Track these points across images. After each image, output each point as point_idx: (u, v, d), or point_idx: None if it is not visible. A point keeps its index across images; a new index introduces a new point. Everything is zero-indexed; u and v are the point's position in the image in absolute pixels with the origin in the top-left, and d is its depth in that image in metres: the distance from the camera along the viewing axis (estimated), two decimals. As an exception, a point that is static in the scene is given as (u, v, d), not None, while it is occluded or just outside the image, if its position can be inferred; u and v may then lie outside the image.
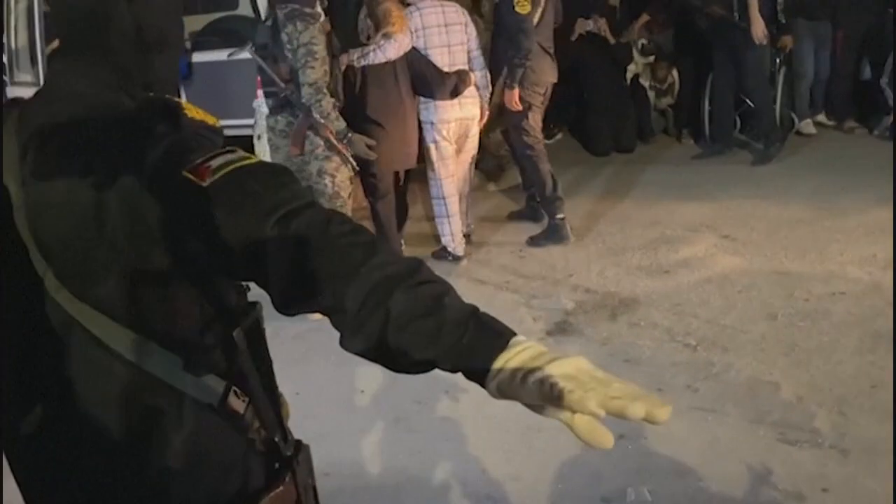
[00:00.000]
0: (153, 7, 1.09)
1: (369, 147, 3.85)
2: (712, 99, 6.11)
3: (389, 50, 4.02)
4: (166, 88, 1.13)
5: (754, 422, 2.79)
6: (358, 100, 4.03)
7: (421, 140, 4.33)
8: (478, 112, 4.41)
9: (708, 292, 3.86)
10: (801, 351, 3.23)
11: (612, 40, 6.35)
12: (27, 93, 3.80)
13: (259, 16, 5.56)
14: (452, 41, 4.24)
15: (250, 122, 5.89)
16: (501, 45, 4.58)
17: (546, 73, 4.58)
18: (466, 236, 4.67)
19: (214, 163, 0.94)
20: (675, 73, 6.56)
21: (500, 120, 5.07)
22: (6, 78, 4.65)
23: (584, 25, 6.23)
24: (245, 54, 4.17)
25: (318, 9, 3.65)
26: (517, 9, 4.32)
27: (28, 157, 1.01)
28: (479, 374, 0.82)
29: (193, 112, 1.03)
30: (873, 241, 4.16)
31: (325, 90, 3.62)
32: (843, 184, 5.06)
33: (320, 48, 3.58)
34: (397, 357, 0.86)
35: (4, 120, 1.05)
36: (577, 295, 4.02)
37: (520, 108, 4.50)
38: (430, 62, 4.18)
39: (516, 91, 4.44)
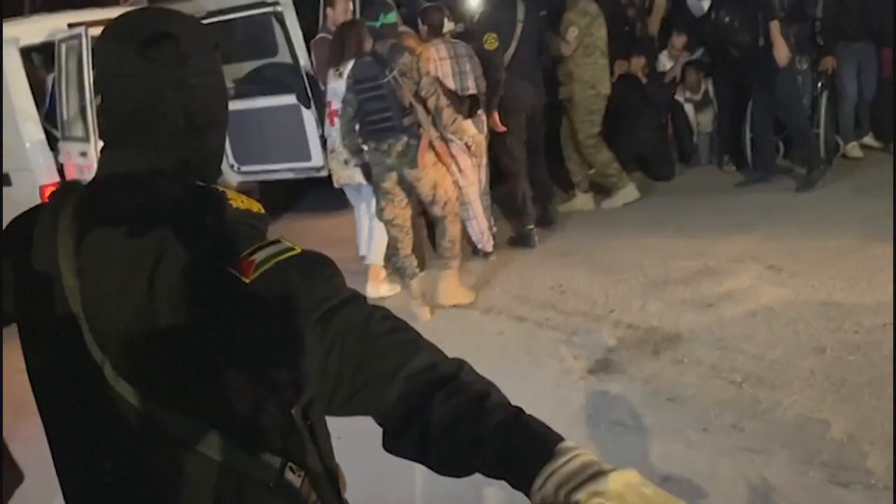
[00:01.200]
0: (201, 93, 1.11)
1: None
2: (752, 125, 6.03)
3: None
4: (216, 163, 1.18)
5: (804, 462, 2.72)
6: None
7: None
8: (485, 128, 5.01)
9: (753, 326, 3.78)
10: (851, 386, 3.14)
11: (643, 80, 6.40)
12: (79, 148, 3.99)
13: (297, 62, 5.73)
14: (462, 69, 4.82)
15: (293, 165, 6.03)
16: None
17: (522, 100, 5.26)
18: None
19: (259, 256, 0.96)
20: (709, 84, 6.48)
21: None
22: (58, 133, 4.86)
23: (620, 66, 6.38)
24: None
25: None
26: (486, 46, 5.07)
27: (83, 248, 1.04)
28: (523, 485, 0.81)
29: (238, 201, 1.05)
30: (926, 269, 4.02)
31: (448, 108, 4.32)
32: (892, 209, 4.92)
33: (433, 74, 4.35)
34: (440, 464, 0.88)
35: (61, 210, 1.07)
36: (618, 331, 3.98)
37: (502, 128, 5.18)
38: (447, 88, 4.66)
39: (495, 115, 5.11)
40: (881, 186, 5.33)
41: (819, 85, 5.95)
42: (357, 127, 4.33)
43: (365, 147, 4.38)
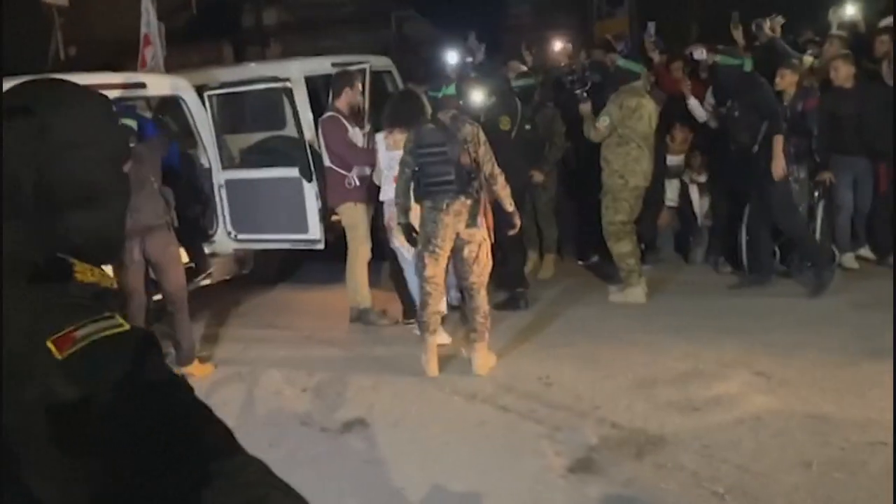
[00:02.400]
0: (74, 167, 1.07)
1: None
2: (748, 228, 6.07)
3: None
4: (95, 242, 1.11)
5: (783, 585, 2.60)
6: None
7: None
8: None
9: (739, 434, 3.70)
10: (836, 506, 3.04)
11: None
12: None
13: (302, 137, 5.85)
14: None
15: (291, 236, 6.06)
16: None
17: (512, 179, 5.26)
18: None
19: (81, 332, 0.94)
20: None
21: None
22: None
23: None
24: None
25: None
26: (501, 126, 5.82)
27: None
28: None
29: (87, 275, 1.02)
30: (917, 388, 3.96)
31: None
32: (886, 323, 4.88)
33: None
34: None
35: None
36: (602, 429, 3.89)
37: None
38: None
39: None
40: (876, 299, 5.33)
41: (816, 195, 6.01)
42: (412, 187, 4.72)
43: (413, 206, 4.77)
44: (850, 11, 7.22)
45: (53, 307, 0.97)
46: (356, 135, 5.71)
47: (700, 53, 6.80)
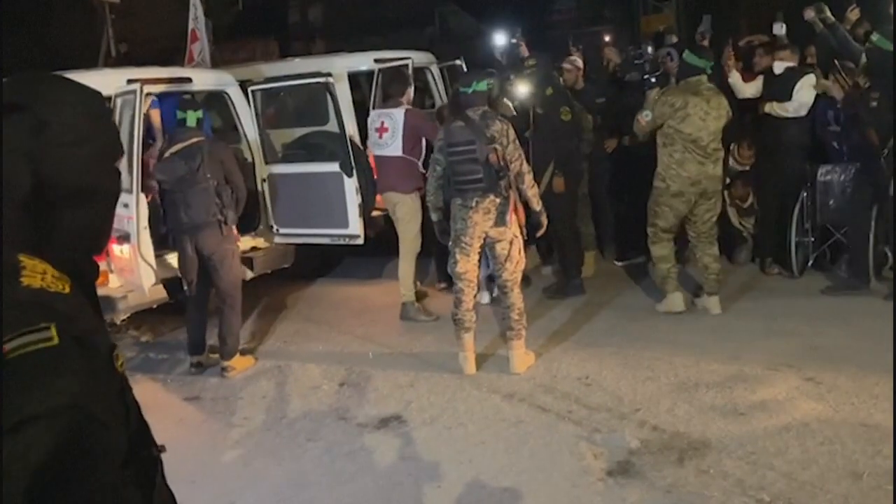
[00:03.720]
0: (66, 164, 1.07)
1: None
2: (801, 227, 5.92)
3: None
4: (82, 239, 1.11)
5: None
6: None
7: None
8: None
9: (786, 441, 3.58)
10: (888, 519, 2.92)
11: None
12: (122, 199, 4.08)
13: (343, 132, 5.88)
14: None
15: (331, 231, 6.08)
16: None
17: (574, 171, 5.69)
18: None
19: (11, 344, 0.92)
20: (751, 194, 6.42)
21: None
22: None
23: None
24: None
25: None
26: (562, 117, 5.80)
27: None
28: None
29: (35, 279, 0.99)
30: (976, 397, 3.79)
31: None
32: (943, 328, 4.70)
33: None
34: None
35: None
36: (643, 432, 3.81)
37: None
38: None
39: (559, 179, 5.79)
40: (932, 304, 5.12)
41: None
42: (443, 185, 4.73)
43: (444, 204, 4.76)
44: None
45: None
46: None
47: (780, 28, 6.56)
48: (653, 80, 5.88)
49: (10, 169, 1.04)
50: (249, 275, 6.03)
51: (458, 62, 7.67)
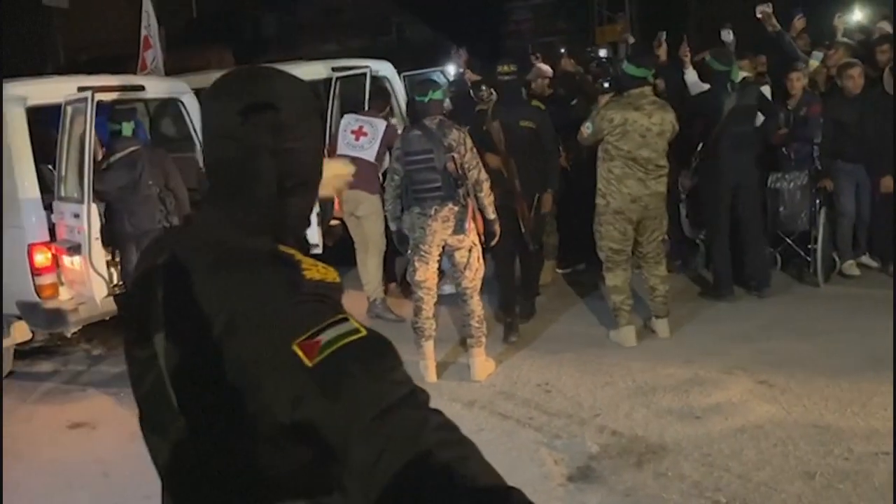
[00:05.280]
0: (296, 157, 1.17)
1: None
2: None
3: None
4: (304, 219, 1.23)
5: None
6: None
7: None
8: None
9: (741, 443, 3.65)
10: (840, 517, 3.00)
11: None
12: (72, 209, 4.04)
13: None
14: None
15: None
16: None
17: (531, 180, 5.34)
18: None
19: (324, 337, 0.97)
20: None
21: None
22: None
23: None
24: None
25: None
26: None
27: (171, 295, 1.11)
28: None
29: (312, 271, 1.07)
30: (920, 397, 3.92)
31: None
32: (887, 330, 4.84)
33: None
34: None
35: (160, 255, 1.16)
36: (602, 437, 3.85)
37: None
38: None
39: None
40: (877, 307, 5.29)
41: (817, 202, 5.97)
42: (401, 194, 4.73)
43: (404, 213, 4.72)
44: (857, 16, 7.18)
45: (293, 306, 1.01)
46: None
47: (727, 35, 6.71)
48: (605, 84, 5.88)
49: (259, 166, 1.14)
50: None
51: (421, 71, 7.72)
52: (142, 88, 5.78)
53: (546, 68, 6.94)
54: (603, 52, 7.98)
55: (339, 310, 1.04)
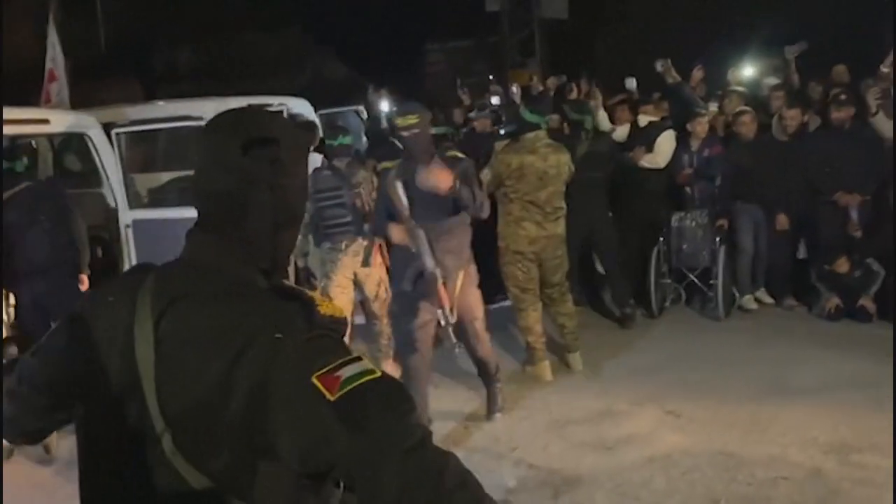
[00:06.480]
0: (288, 193, 1.21)
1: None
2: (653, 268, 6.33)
3: None
4: (288, 255, 1.26)
5: None
6: None
7: None
8: None
9: (651, 472, 3.77)
10: (744, 541, 3.12)
11: None
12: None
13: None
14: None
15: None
16: None
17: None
18: None
19: (345, 372, 1.02)
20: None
21: None
22: None
23: None
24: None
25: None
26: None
27: (163, 323, 1.11)
28: None
29: (325, 307, 1.11)
30: (815, 424, 4.15)
31: None
32: (784, 362, 5.14)
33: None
34: None
35: (140, 285, 1.16)
36: (519, 471, 3.90)
37: None
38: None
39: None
40: (773, 340, 5.62)
41: (717, 240, 6.30)
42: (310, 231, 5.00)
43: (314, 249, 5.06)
44: (748, 72, 7.77)
45: (310, 340, 1.06)
46: None
47: (631, 83, 7.11)
48: (501, 131, 6.00)
49: (258, 198, 1.17)
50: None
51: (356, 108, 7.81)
52: (47, 122, 5.59)
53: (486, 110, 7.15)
54: (495, 100, 8.20)
55: (346, 346, 1.10)
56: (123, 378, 1.11)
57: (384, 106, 7.72)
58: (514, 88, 7.79)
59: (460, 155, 4.21)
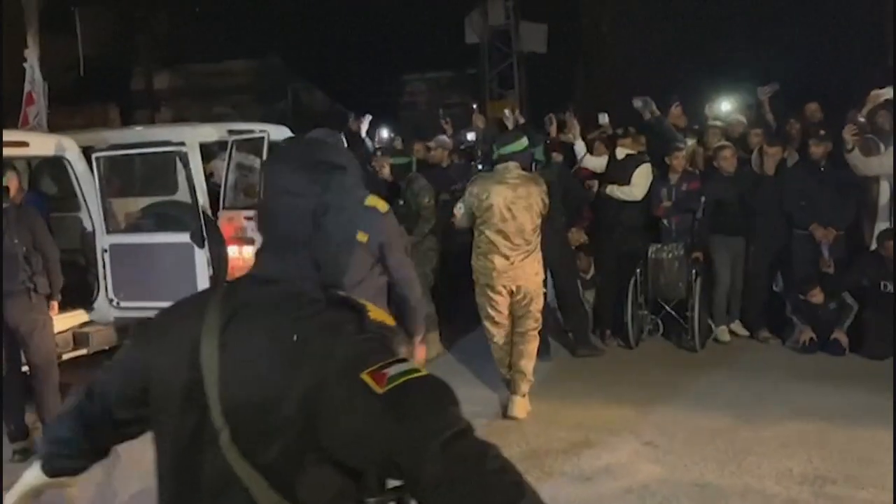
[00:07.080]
0: (350, 216, 1.32)
1: None
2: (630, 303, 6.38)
3: None
4: (343, 274, 1.34)
5: None
6: None
7: None
8: None
9: (629, 503, 3.77)
10: (721, 573, 3.13)
11: None
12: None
13: (196, 202, 5.73)
14: None
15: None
16: None
17: None
18: None
19: (391, 370, 1.10)
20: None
21: None
22: None
23: None
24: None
25: None
26: None
27: (231, 326, 1.21)
28: None
29: (375, 314, 1.21)
30: (789, 455, 4.19)
31: None
32: (759, 393, 5.19)
33: None
34: None
35: (210, 297, 1.27)
36: (497, 501, 3.87)
37: None
38: None
39: None
40: (748, 371, 5.68)
41: (694, 272, 6.38)
42: None
43: None
44: (725, 107, 7.96)
45: (360, 342, 1.16)
46: None
47: (603, 118, 7.22)
48: (479, 167, 5.97)
49: (327, 221, 1.27)
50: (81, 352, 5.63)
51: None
52: (25, 145, 5.55)
53: (445, 139, 7.15)
54: (471, 136, 8.29)
55: (396, 350, 1.18)
56: (191, 382, 1.20)
57: (364, 133, 7.72)
58: (480, 124, 7.87)
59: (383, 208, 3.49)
